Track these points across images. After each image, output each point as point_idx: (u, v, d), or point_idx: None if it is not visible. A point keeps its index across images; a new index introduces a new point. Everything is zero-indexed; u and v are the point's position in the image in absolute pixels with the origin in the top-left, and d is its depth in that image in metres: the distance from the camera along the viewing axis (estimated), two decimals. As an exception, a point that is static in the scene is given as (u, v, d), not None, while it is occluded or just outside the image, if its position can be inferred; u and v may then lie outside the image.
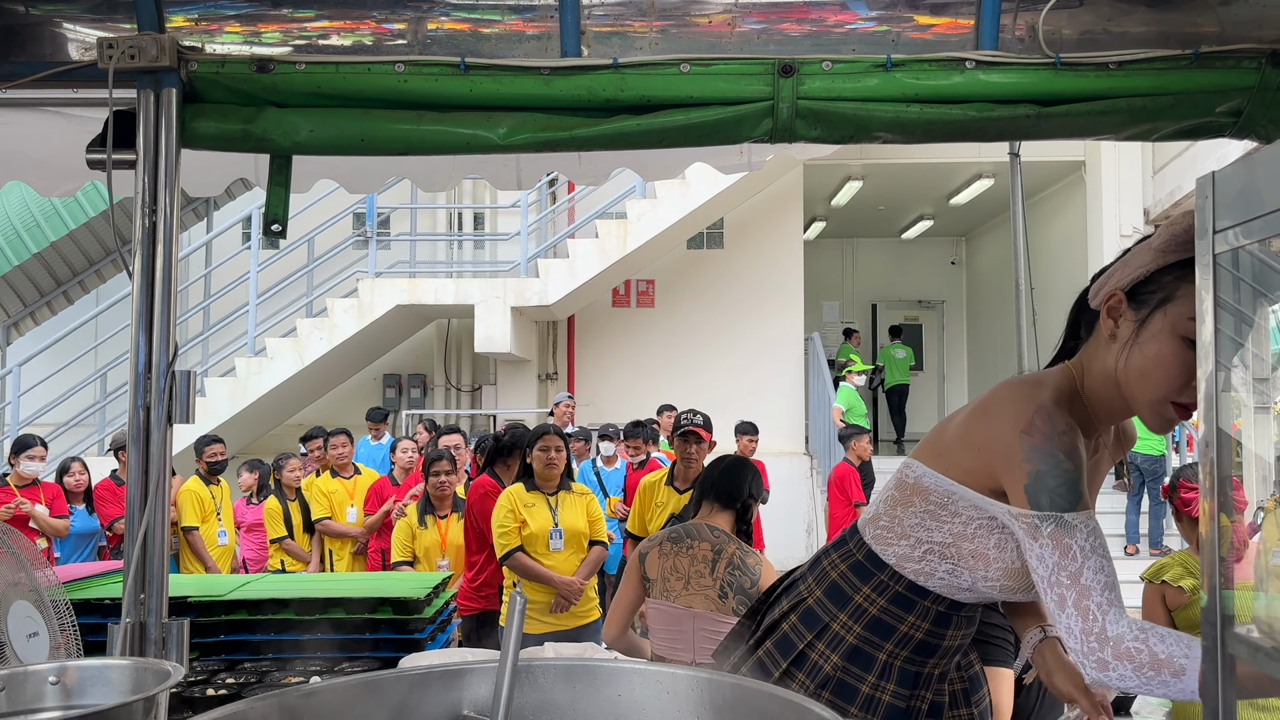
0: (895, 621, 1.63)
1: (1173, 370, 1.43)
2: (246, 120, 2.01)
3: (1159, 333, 1.44)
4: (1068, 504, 1.41)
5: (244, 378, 10.21)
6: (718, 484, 3.19)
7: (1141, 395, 1.47)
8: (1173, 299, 1.44)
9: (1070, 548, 1.40)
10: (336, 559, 6.44)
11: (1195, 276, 1.29)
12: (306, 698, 1.14)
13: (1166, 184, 10.40)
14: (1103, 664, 1.35)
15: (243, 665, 2.69)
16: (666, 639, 3.08)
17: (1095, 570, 1.39)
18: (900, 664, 1.65)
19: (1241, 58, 1.86)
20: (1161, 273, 1.46)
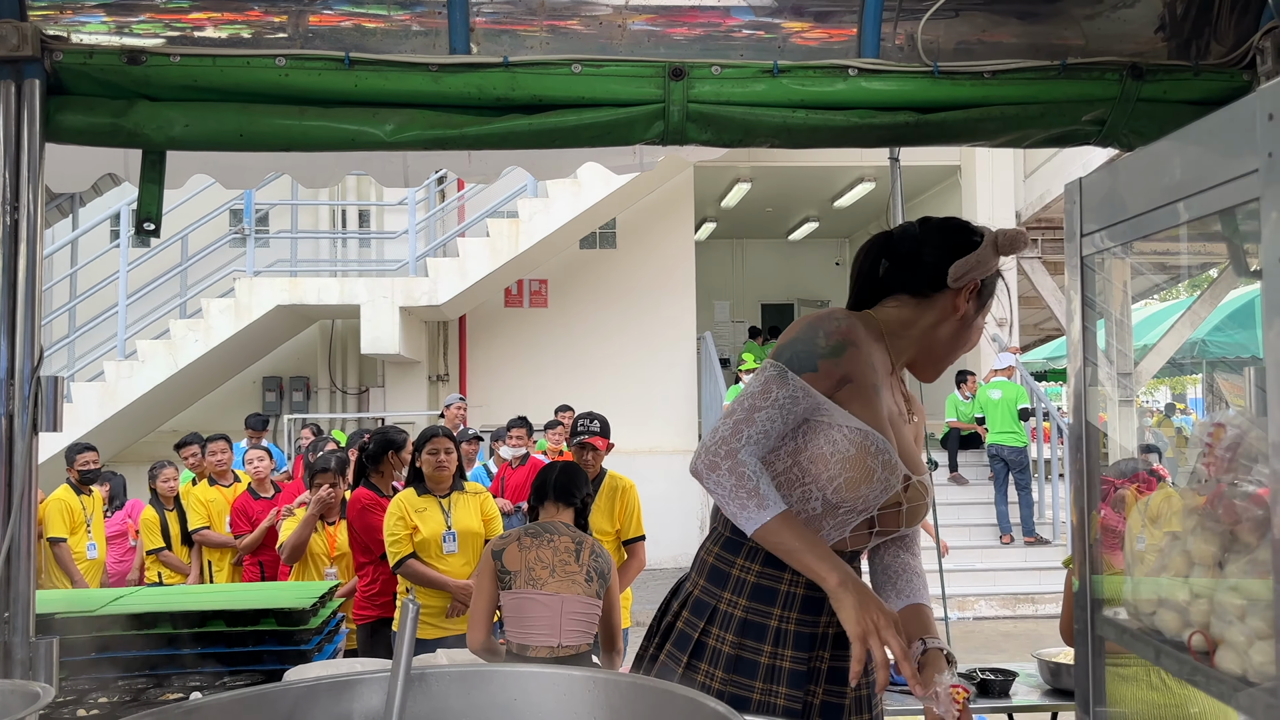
0: (774, 583, 1.69)
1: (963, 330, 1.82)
2: (117, 114, 1.92)
3: (979, 317, 1.83)
4: (799, 365, 1.64)
5: (114, 382, 9.75)
6: (558, 486, 3.47)
7: (948, 356, 1.84)
8: (991, 292, 1.85)
9: (771, 392, 1.63)
10: (216, 570, 6.20)
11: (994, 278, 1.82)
12: (187, 715, 1.10)
13: (1036, 188, 10.89)
14: (714, 467, 1.60)
15: (116, 684, 2.57)
16: (527, 627, 3.21)
17: (769, 419, 1.62)
18: (793, 628, 1.70)
19: (1105, 69, 1.96)
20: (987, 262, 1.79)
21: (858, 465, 1.65)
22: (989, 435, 10.15)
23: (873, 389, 1.69)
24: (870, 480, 1.66)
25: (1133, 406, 8.97)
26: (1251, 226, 0.91)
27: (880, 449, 1.66)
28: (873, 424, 1.67)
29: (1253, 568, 0.95)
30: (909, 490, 1.73)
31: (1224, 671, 0.94)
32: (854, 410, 1.67)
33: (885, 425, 1.69)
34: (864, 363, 1.69)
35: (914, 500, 1.75)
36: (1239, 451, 1.05)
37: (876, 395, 1.70)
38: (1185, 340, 9.55)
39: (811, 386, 1.64)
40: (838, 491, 1.66)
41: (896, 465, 1.68)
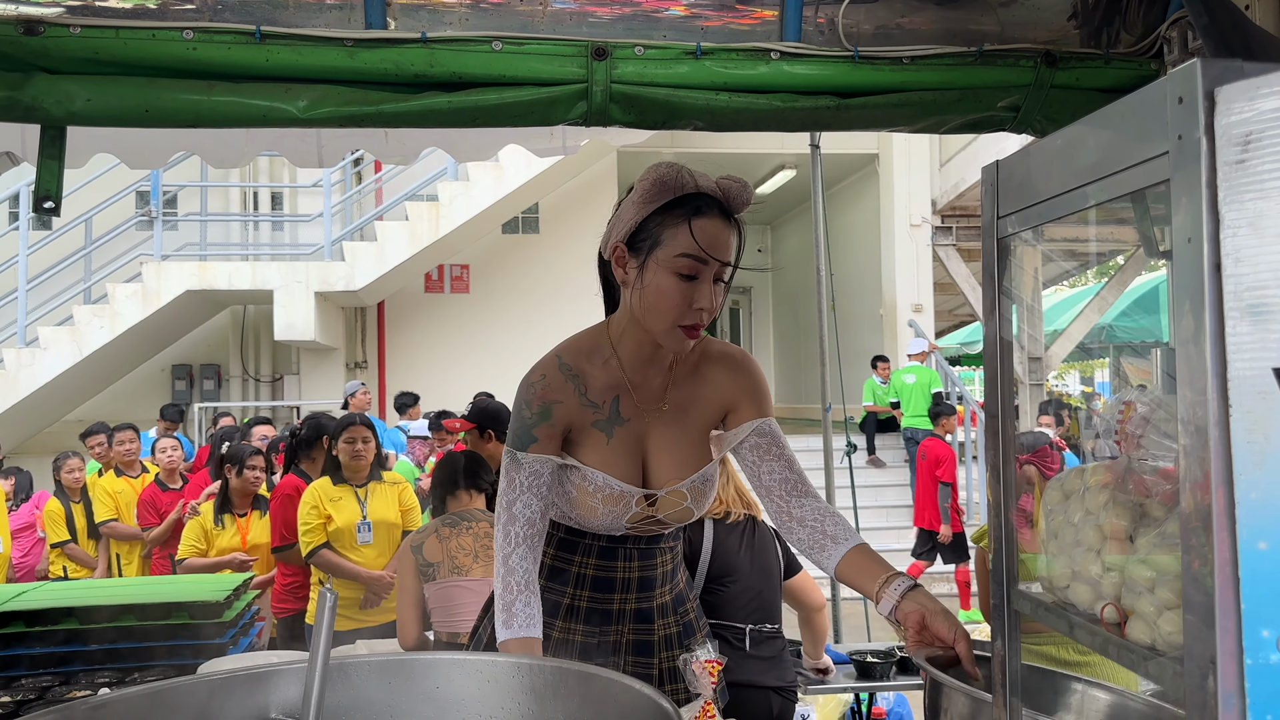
0: (566, 565, 1.80)
1: (673, 301, 1.63)
2: (13, 87, 1.82)
3: (656, 272, 1.64)
4: (517, 444, 1.70)
5: (14, 370, 9.37)
6: (468, 473, 3.48)
7: (655, 325, 1.67)
8: (660, 243, 1.64)
9: (513, 479, 1.69)
10: (125, 563, 6.01)
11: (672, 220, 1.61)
12: (95, 710, 1.06)
13: (951, 176, 11.13)
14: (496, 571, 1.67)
15: (20, 682, 2.48)
16: (455, 615, 3.18)
17: (525, 505, 1.68)
18: (585, 605, 1.80)
19: (1019, 56, 2.00)
20: (646, 221, 1.65)
21: (582, 504, 1.74)
22: (904, 419, 10.38)
23: (594, 425, 1.73)
24: (596, 514, 1.74)
25: (1043, 389, 9.25)
26: (1161, 209, 0.93)
27: (600, 486, 1.72)
28: (595, 462, 1.72)
29: (1162, 540, 0.98)
30: (657, 503, 1.76)
31: (1134, 642, 0.96)
32: (579, 453, 1.73)
33: (611, 457, 1.73)
34: (575, 407, 1.72)
35: (667, 510, 1.77)
36: (1148, 429, 1.08)
37: (602, 428, 1.73)
38: (1094, 325, 9.89)
39: (542, 454, 1.70)
40: (578, 520, 1.77)
41: (623, 494, 1.73)
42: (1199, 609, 0.79)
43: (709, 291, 1.64)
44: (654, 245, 1.64)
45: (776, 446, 1.79)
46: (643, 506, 1.75)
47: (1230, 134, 0.79)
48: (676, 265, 1.62)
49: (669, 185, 1.62)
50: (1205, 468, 0.78)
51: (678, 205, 1.63)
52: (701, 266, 1.62)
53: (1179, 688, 0.84)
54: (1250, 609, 0.76)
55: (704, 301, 1.63)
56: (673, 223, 1.62)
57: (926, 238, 11.50)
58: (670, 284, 1.63)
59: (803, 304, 14.39)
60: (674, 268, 1.62)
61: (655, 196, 1.63)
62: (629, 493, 1.73)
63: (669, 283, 1.63)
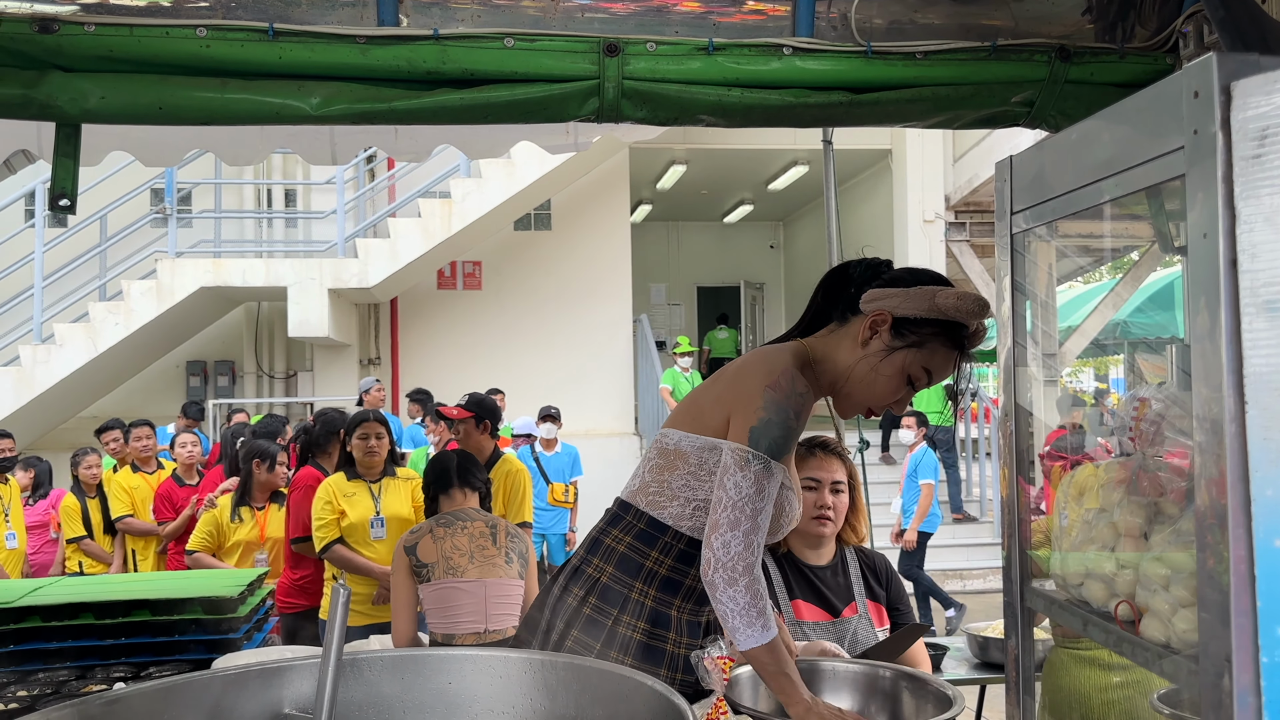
0: (680, 577, 1.77)
1: (891, 394, 1.72)
2: (28, 85, 1.84)
3: (897, 364, 1.69)
4: (778, 453, 1.65)
5: (30, 367, 9.42)
6: (461, 473, 3.43)
7: (856, 396, 1.74)
8: (923, 347, 1.69)
9: (765, 489, 1.64)
10: (140, 559, 6.04)
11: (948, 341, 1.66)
12: (110, 705, 1.07)
13: (965, 172, 11.07)
14: (733, 582, 1.60)
15: (37, 676, 2.49)
16: (451, 616, 3.15)
17: (768, 516, 1.65)
18: (687, 617, 1.80)
19: (1034, 51, 1.99)
20: (927, 322, 1.68)
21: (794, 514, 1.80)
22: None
23: None
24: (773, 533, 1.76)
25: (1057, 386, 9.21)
26: (1176, 204, 0.93)
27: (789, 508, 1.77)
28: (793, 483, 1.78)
29: (1176, 538, 0.97)
30: None
31: (1149, 639, 0.96)
32: None
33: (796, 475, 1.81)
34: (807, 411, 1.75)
35: None
36: (1162, 425, 1.07)
37: None
38: (1108, 321, 9.83)
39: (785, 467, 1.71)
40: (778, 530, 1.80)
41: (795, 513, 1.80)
42: (1214, 606, 0.78)
43: (909, 399, 1.76)
44: (918, 345, 1.69)
45: None
46: None
47: (1246, 129, 0.79)
48: (917, 373, 1.70)
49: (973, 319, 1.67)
50: (1221, 465, 0.78)
51: (959, 331, 1.69)
52: (927, 382, 1.72)
53: (1194, 685, 0.83)
54: (1266, 606, 0.75)
55: (900, 406, 1.76)
56: (946, 343, 1.69)
57: (940, 233, 11.44)
58: (898, 382, 1.71)
59: (815, 300, 14.33)
60: (913, 372, 1.70)
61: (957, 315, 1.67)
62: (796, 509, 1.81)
63: (899, 380, 1.70)
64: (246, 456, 5.01)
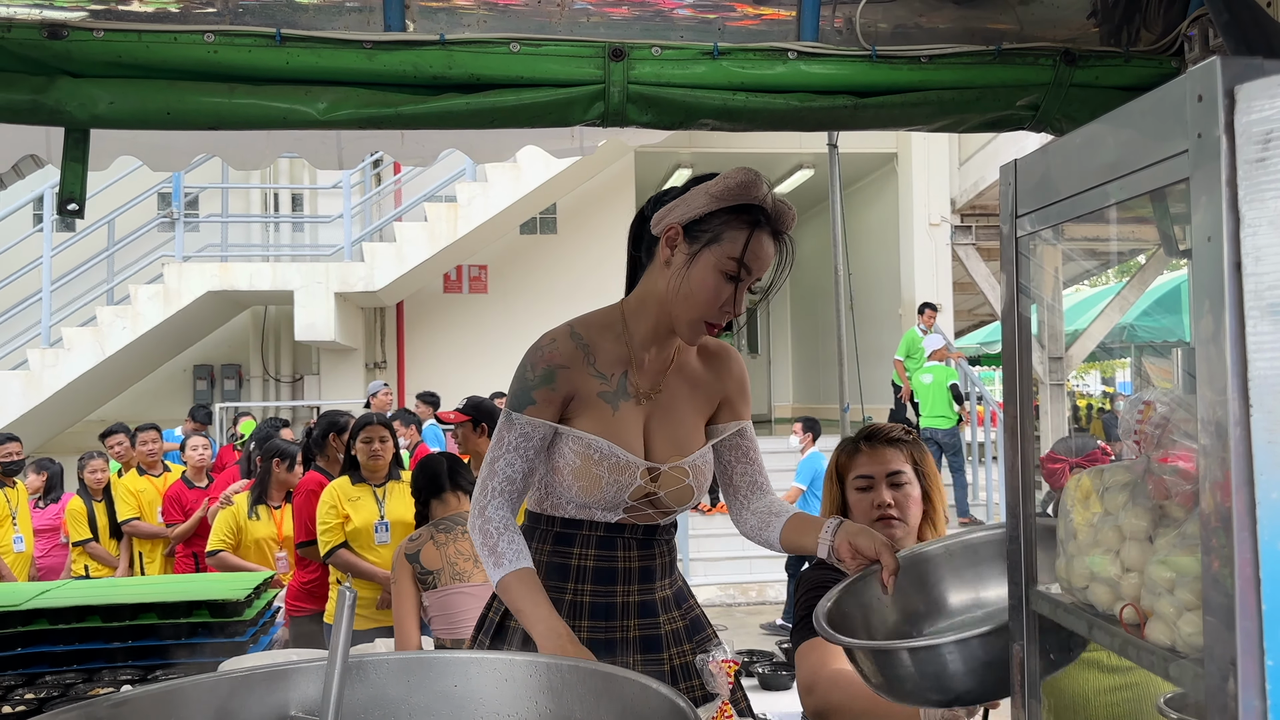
0: (565, 559, 1.79)
1: (712, 297, 1.70)
2: (37, 90, 1.85)
3: (704, 266, 1.69)
4: (515, 405, 1.74)
5: (38, 371, 9.46)
6: (453, 476, 3.45)
7: (683, 314, 1.73)
8: (719, 240, 1.69)
9: (503, 439, 1.73)
10: (148, 561, 6.06)
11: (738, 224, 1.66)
12: (116, 708, 1.07)
13: (971, 175, 11.07)
14: (470, 523, 1.73)
15: (43, 679, 2.50)
16: (458, 622, 3.14)
17: (508, 465, 1.73)
18: (588, 600, 1.79)
19: (1039, 55, 1.99)
20: (713, 215, 1.69)
21: (585, 474, 1.75)
22: (922, 419, 10.32)
23: (600, 396, 1.77)
24: (600, 485, 1.75)
25: (1064, 389, 9.19)
26: (1181, 208, 0.93)
27: (605, 454, 1.74)
28: (599, 431, 1.75)
29: (1181, 541, 0.97)
30: (659, 478, 1.78)
31: (1154, 643, 0.96)
32: (581, 423, 1.76)
33: (616, 428, 1.76)
34: (582, 375, 1.76)
35: (668, 487, 1.79)
36: (1168, 428, 1.07)
37: (608, 400, 1.77)
38: (1114, 325, 9.81)
39: (537, 418, 1.74)
40: (579, 495, 1.76)
41: (627, 464, 1.75)
42: (1219, 610, 0.78)
43: (741, 298, 1.71)
44: (713, 240, 1.69)
45: (752, 449, 1.93)
46: (646, 480, 1.76)
47: (1250, 132, 0.79)
48: (726, 266, 1.68)
49: (748, 191, 1.67)
50: (1225, 468, 0.78)
51: (746, 211, 1.68)
52: (745, 274, 1.69)
53: (1199, 689, 0.83)
54: (1271, 610, 0.75)
55: (737, 305, 1.71)
56: (738, 226, 1.68)
57: (945, 237, 11.44)
58: (714, 280, 1.69)
59: (821, 304, 14.34)
60: (723, 267, 1.68)
61: (732, 197, 1.68)
62: (634, 463, 1.75)
63: (713, 279, 1.69)
64: (266, 455, 5.04)
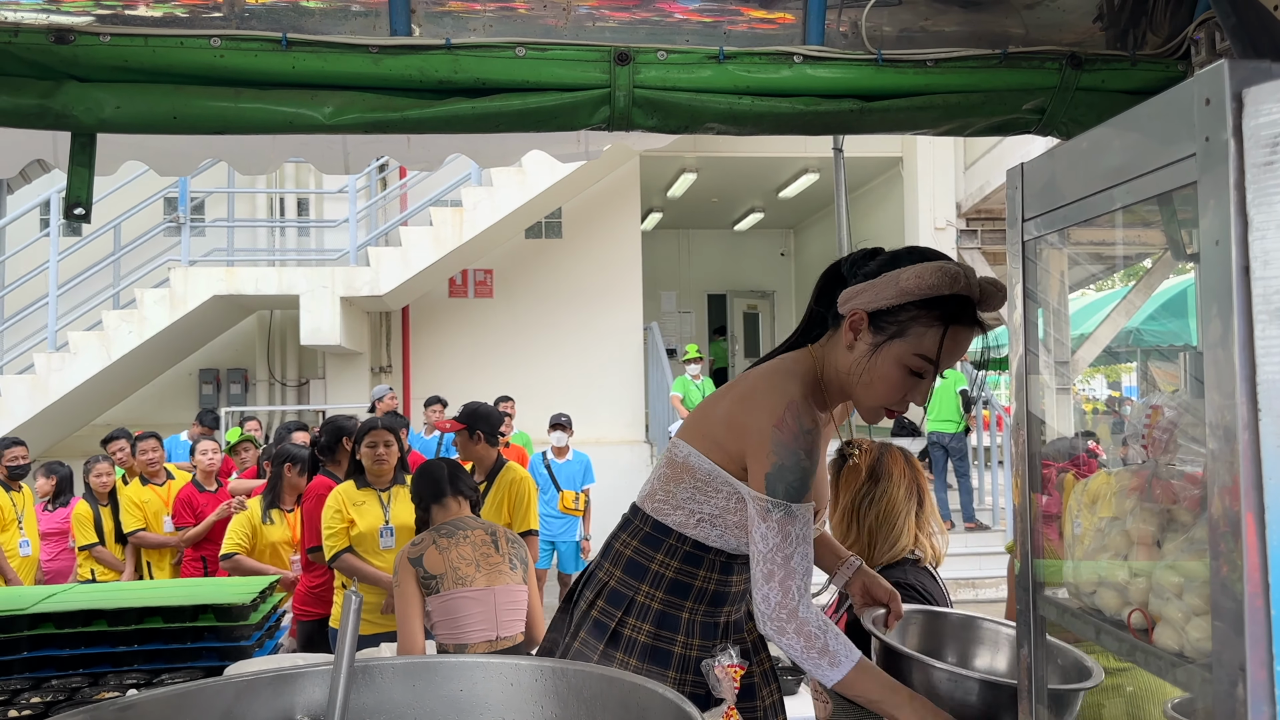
0: (689, 579, 1.77)
1: (894, 390, 1.63)
2: (44, 95, 1.85)
3: (889, 359, 1.61)
4: (798, 496, 1.62)
5: (44, 375, 9.47)
6: (454, 481, 3.45)
7: (865, 400, 1.67)
8: (904, 335, 1.61)
9: (790, 534, 1.61)
10: (156, 569, 6.07)
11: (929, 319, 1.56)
12: (123, 712, 1.07)
13: (976, 179, 11.06)
14: (782, 631, 1.60)
15: (50, 683, 2.51)
16: (462, 627, 3.14)
17: (802, 556, 1.62)
18: (700, 619, 1.79)
19: (1045, 59, 1.99)
20: (901, 309, 1.61)
21: None
22: (928, 423, 10.30)
23: None
24: None
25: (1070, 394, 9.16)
26: (1188, 211, 0.93)
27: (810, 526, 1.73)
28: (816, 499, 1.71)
29: (1189, 546, 0.97)
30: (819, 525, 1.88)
31: (1162, 648, 0.95)
32: None
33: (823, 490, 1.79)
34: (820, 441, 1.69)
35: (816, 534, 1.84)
36: (1175, 433, 1.07)
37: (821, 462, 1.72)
38: (1121, 329, 9.79)
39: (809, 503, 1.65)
40: None
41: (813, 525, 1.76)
42: (1228, 615, 0.78)
43: (927, 388, 1.63)
44: (898, 334, 1.61)
45: None
46: None
47: (1259, 135, 0.79)
48: (912, 362, 1.60)
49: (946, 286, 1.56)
50: (1234, 472, 0.78)
51: (940, 305, 1.58)
52: (931, 368, 1.60)
53: (1207, 695, 0.83)
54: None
55: (918, 397, 1.63)
56: (928, 322, 1.58)
57: (951, 241, 11.42)
58: (897, 376, 1.61)
59: (826, 308, 14.30)
60: (908, 363, 1.60)
61: (922, 294, 1.57)
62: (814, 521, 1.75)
63: (897, 373, 1.61)
64: (278, 459, 5.06)
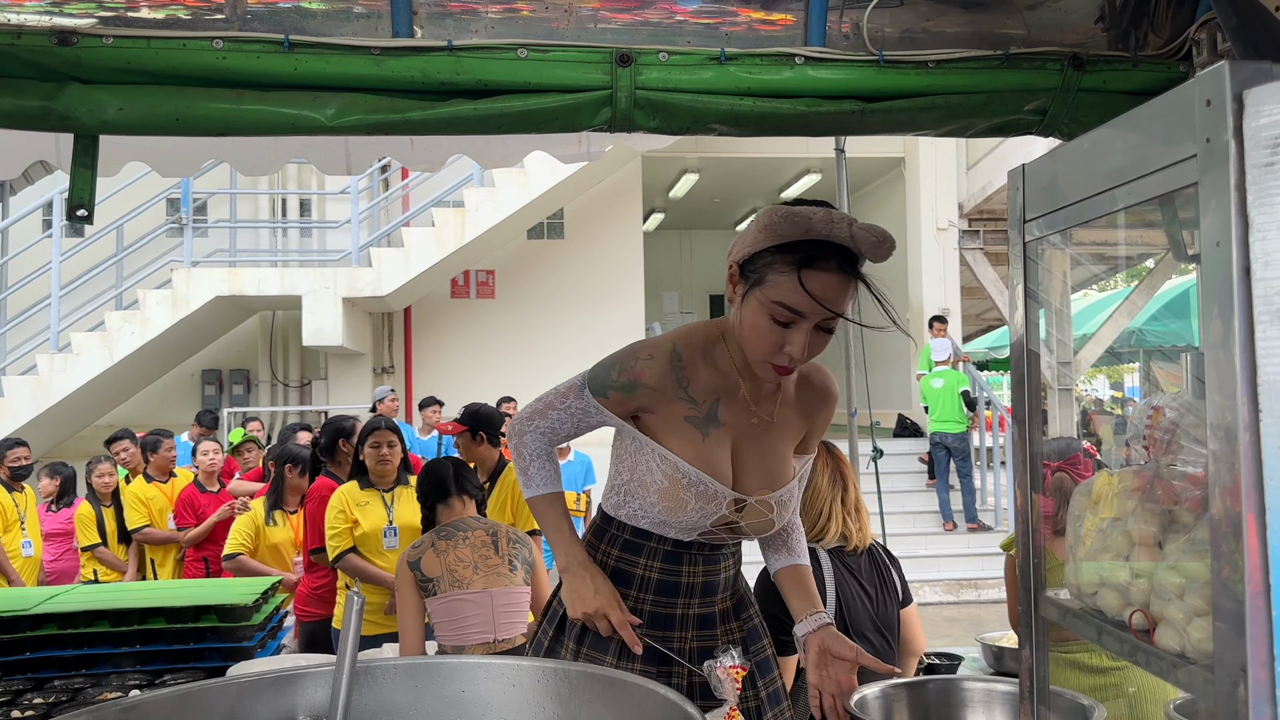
0: (630, 568, 1.78)
1: (764, 340, 1.60)
2: (46, 96, 1.86)
3: (753, 308, 1.60)
4: (594, 385, 1.73)
5: (47, 376, 9.49)
6: (459, 481, 3.43)
7: (748, 352, 1.66)
8: (763, 283, 1.58)
9: (568, 398, 1.76)
10: (159, 566, 6.07)
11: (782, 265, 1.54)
12: (125, 712, 1.07)
13: (978, 180, 11.05)
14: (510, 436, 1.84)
15: (52, 684, 2.51)
16: (461, 629, 3.14)
17: (559, 419, 1.78)
18: (649, 608, 1.78)
19: (1046, 60, 1.99)
20: (760, 255, 1.59)
21: (671, 496, 1.71)
22: (932, 423, 10.30)
23: (688, 420, 1.70)
24: (685, 509, 1.71)
25: (1072, 394, 9.17)
26: (1189, 212, 0.93)
27: (694, 481, 1.69)
28: (689, 456, 1.69)
29: (1191, 547, 0.97)
30: (744, 510, 1.75)
31: (1164, 649, 0.95)
32: (668, 442, 1.71)
33: (706, 455, 1.70)
34: (667, 399, 1.69)
35: (751, 519, 1.76)
36: (1177, 433, 1.07)
37: (697, 425, 1.70)
38: (1123, 330, 9.78)
39: (604, 408, 1.74)
40: (661, 514, 1.73)
41: (715, 494, 1.71)
42: (1229, 616, 0.78)
43: (802, 340, 1.58)
44: (758, 282, 1.59)
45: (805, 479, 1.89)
46: (730, 510, 1.73)
47: (1259, 137, 0.79)
48: (773, 310, 1.57)
49: (792, 227, 1.54)
50: (1235, 473, 0.78)
51: (793, 250, 1.55)
52: (797, 316, 1.57)
53: (1209, 696, 0.83)
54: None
55: (794, 349, 1.58)
56: (782, 267, 1.55)
57: (953, 241, 11.42)
58: (764, 324, 1.59)
59: (828, 308, 14.30)
60: (771, 312, 1.58)
61: (774, 234, 1.56)
62: (722, 493, 1.71)
63: (763, 322, 1.59)
64: (280, 461, 5.06)
